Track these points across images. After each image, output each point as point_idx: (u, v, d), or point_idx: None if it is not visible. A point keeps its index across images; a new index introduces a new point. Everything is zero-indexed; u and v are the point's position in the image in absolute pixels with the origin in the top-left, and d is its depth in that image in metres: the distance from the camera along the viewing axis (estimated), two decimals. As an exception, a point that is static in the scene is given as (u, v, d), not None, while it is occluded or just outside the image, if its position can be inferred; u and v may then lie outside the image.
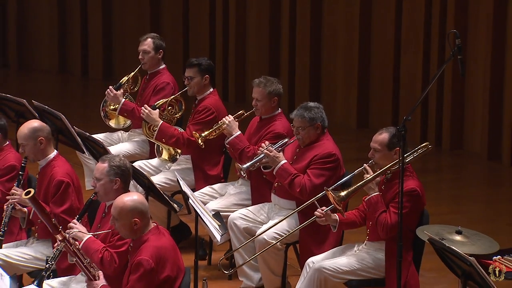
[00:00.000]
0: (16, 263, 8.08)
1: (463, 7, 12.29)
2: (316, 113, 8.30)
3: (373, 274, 7.70)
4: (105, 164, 7.30)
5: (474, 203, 10.90)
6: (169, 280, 6.85)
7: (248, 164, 8.53)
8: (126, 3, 15.95)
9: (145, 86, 10.12)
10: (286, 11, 14.05)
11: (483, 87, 12.18)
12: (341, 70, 13.70)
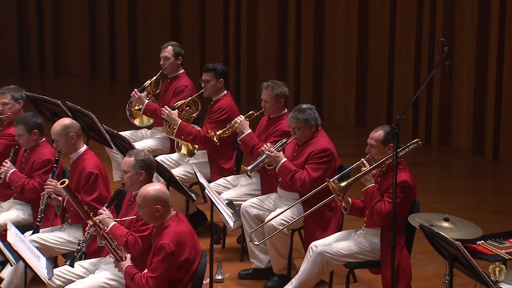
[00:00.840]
0: (52, 246, 8.09)
1: (450, 19, 12.26)
2: (309, 114, 8.29)
3: (370, 257, 7.69)
4: (131, 158, 7.31)
5: (460, 193, 10.88)
6: (188, 262, 6.86)
7: (252, 166, 8.57)
8: (149, 14, 15.93)
9: (166, 89, 10.12)
10: (292, 22, 14.03)
11: (467, 90, 12.16)
12: (341, 74, 13.67)
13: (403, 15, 12.84)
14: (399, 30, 12.91)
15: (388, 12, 12.97)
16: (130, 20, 16.16)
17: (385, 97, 13.12)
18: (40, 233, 8.15)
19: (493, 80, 11.90)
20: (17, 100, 9.22)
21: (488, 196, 11.04)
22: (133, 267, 6.93)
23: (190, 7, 15.49)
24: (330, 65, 13.83)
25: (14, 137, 8.84)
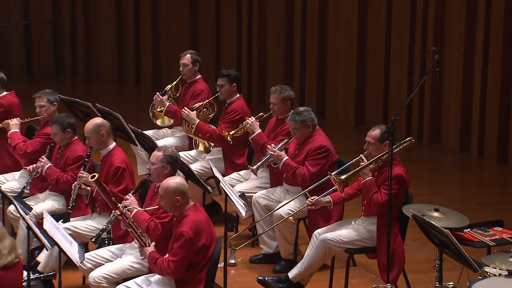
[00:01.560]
0: (83, 233, 8.11)
1: (439, 30, 12.26)
2: (305, 116, 8.30)
3: (367, 244, 7.69)
4: (160, 153, 7.35)
5: (449, 186, 10.87)
6: (205, 247, 6.87)
7: (257, 165, 8.61)
8: (170, 26, 15.94)
9: (185, 92, 10.11)
10: (298, 33, 14.03)
11: (455, 94, 12.16)
12: (342, 78, 13.66)
13: (397, 26, 12.83)
14: (394, 40, 12.90)
15: (384, 24, 12.96)
16: (153, 31, 16.17)
17: (381, 100, 13.11)
18: (73, 221, 8.18)
19: (478, 85, 11.88)
20: (52, 102, 9.23)
21: (474, 189, 11.02)
22: (156, 252, 6.95)
23: (206, 19, 15.49)
24: (332, 70, 13.82)
25: (49, 136, 8.88)
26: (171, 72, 12.79)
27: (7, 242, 6.53)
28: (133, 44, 16.46)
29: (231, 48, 15.13)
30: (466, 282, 6.23)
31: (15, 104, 9.73)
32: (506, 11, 11.45)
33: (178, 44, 15.20)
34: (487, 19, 11.69)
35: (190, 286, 6.90)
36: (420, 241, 7.72)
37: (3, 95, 9.76)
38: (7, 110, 9.61)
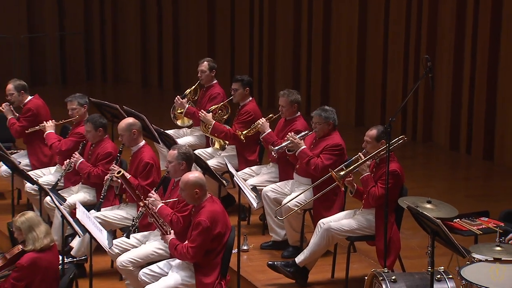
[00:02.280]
0: (112, 222, 8.15)
1: (432, 40, 12.24)
2: (330, 114, 8.31)
3: (366, 232, 7.68)
4: (175, 151, 7.36)
5: (440, 181, 10.85)
6: (220, 235, 6.88)
7: (278, 147, 8.55)
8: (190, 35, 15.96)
9: (202, 96, 10.11)
10: (304, 42, 14.03)
11: (446, 97, 12.14)
12: (343, 83, 13.65)
13: (393, 36, 12.82)
14: (391, 48, 12.89)
15: (382, 34, 12.95)
16: (174, 40, 16.20)
17: (379, 102, 13.09)
18: (103, 211, 8.20)
19: (466, 90, 11.87)
20: (82, 105, 9.27)
21: (462, 183, 10.99)
22: (176, 239, 6.98)
23: (222, 30, 15.51)
24: (335, 76, 13.82)
25: (82, 135, 8.93)
26: (190, 77, 12.78)
27: (42, 227, 6.59)
28: (156, 52, 16.49)
29: (244, 56, 15.13)
30: (456, 267, 6.21)
31: (41, 106, 9.80)
32: (491, 22, 11.42)
33: (196, 52, 15.22)
34: (474, 29, 11.67)
35: (207, 270, 6.91)
36: (414, 229, 7.71)
37: (28, 99, 9.82)
38: (36, 112, 9.69)
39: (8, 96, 9.80)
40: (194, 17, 15.90)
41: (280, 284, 7.80)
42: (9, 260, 6.56)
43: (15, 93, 9.77)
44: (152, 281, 7.08)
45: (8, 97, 9.80)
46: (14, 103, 9.81)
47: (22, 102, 9.80)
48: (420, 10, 12.36)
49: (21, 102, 9.80)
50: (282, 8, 14.37)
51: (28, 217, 6.63)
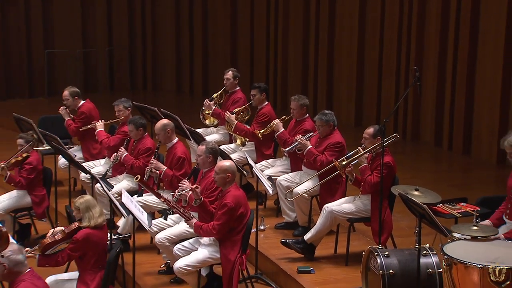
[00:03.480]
0: (151, 205, 8.17)
1: (419, 53, 12.21)
2: (329, 117, 8.30)
3: (364, 215, 7.67)
4: (203, 147, 7.38)
5: (426, 172, 10.82)
6: (242, 216, 6.89)
7: (288, 148, 8.58)
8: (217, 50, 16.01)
9: (227, 100, 10.13)
10: (312, 55, 14.04)
11: (431, 102, 12.13)
12: (345, 89, 13.65)
13: (387, 51, 12.81)
14: (385, 61, 12.87)
15: (378, 47, 12.95)
16: (203, 53, 16.26)
17: (375, 106, 13.09)
18: (143, 196, 8.23)
19: (448, 96, 11.83)
20: (127, 108, 9.32)
21: (444, 174, 10.96)
22: (199, 222, 7.01)
23: (243, 45, 15.55)
24: (338, 83, 13.83)
25: (126, 133, 8.96)
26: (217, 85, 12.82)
27: (97, 209, 6.63)
28: (187, 63, 16.54)
29: (261, 66, 15.16)
30: (439, 244, 6.19)
31: (92, 109, 9.87)
32: (470, 38, 11.38)
33: (222, 63, 15.25)
34: (455, 45, 11.63)
35: (230, 245, 6.90)
36: (403, 213, 7.69)
37: (82, 103, 9.88)
38: (88, 115, 9.77)
39: (64, 101, 9.87)
40: (220, 34, 15.94)
41: (291, 258, 7.79)
42: (67, 234, 6.60)
43: (70, 98, 9.84)
44: (184, 255, 7.09)
45: (64, 101, 9.87)
46: (69, 107, 9.87)
47: (76, 106, 9.86)
48: (410, 30, 12.33)
49: (75, 106, 9.86)
50: (293, 26, 14.38)
51: (86, 199, 6.67)
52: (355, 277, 7.09)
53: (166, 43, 16.76)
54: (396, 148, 11.32)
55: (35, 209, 8.63)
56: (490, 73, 11.20)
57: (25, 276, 5.36)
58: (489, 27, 11.18)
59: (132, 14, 16.78)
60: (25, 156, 8.47)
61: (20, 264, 5.35)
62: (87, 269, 6.58)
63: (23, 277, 5.35)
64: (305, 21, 14.09)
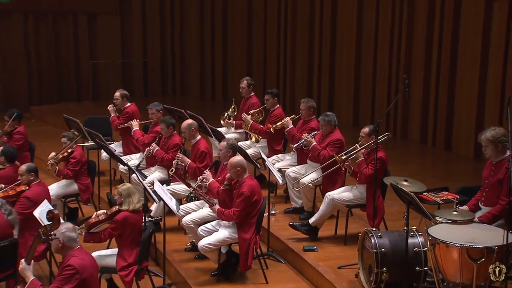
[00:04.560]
0: (178, 192, 8.20)
1: (408, 63, 12.16)
2: (331, 118, 8.29)
3: (360, 201, 7.65)
4: (224, 143, 7.40)
5: (413, 165, 10.77)
6: (256, 202, 6.91)
7: (296, 145, 8.56)
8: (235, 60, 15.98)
9: (243, 104, 10.08)
10: (316, 65, 14.01)
11: (418, 105, 12.08)
12: (344, 94, 13.60)
13: (381, 61, 12.75)
14: (379, 69, 12.81)
15: (371, 59, 12.89)
16: (223, 64, 16.25)
17: (370, 108, 13.04)
18: (172, 185, 8.24)
19: (432, 100, 11.76)
20: (159, 110, 9.35)
21: (429, 167, 10.89)
22: (221, 208, 7.00)
23: (258, 58, 15.52)
24: (338, 89, 13.79)
25: (158, 132, 8.98)
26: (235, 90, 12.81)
27: (136, 195, 6.68)
28: (210, 72, 16.53)
29: (273, 75, 15.13)
30: (424, 226, 6.16)
31: (135, 111, 9.88)
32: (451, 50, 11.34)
33: (239, 72, 15.21)
34: (438, 56, 11.57)
35: (246, 227, 6.91)
36: (394, 200, 7.67)
37: (128, 105, 9.89)
38: (131, 115, 9.76)
39: (114, 100, 9.91)
40: (238, 47, 15.92)
41: (298, 238, 7.78)
42: (108, 216, 6.64)
43: (120, 99, 9.87)
44: (207, 235, 7.10)
45: (114, 100, 9.91)
46: (117, 106, 9.90)
47: (123, 106, 9.89)
48: (400, 45, 12.26)
49: (122, 106, 9.89)
50: (300, 41, 14.34)
51: (128, 186, 6.72)
52: (352, 254, 7.08)
53: (192, 55, 16.77)
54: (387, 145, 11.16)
55: (81, 195, 8.68)
56: (467, 82, 11.15)
57: (75, 251, 5.41)
58: (467, 43, 11.13)
59: (163, 31, 16.80)
60: (70, 151, 8.52)
61: (72, 240, 5.42)
62: (125, 246, 6.61)
63: (74, 252, 5.41)
64: (310, 37, 14.06)
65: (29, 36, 15.52)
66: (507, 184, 5.88)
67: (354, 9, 13.02)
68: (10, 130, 9.42)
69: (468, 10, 11.10)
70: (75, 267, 5.27)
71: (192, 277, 7.11)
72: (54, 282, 5.36)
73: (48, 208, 6.34)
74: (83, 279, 5.27)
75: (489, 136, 6.19)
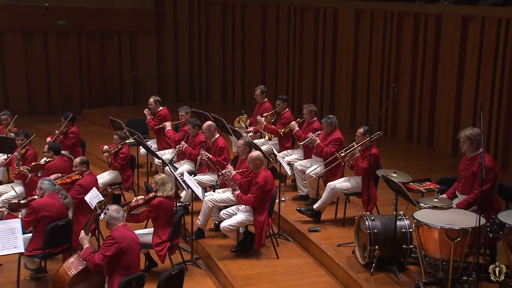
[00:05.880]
0: (204, 182, 8.19)
1: (397, 73, 12.07)
2: (332, 120, 8.27)
3: (357, 190, 7.64)
4: (242, 141, 7.39)
5: (401, 160, 10.69)
6: (269, 190, 6.91)
7: (303, 142, 8.56)
8: (250, 71, 15.92)
9: (258, 108, 10.05)
10: (320, 76, 13.93)
11: (404, 109, 12.00)
12: (344, 100, 13.52)
13: (374, 72, 12.66)
14: (372, 79, 12.73)
15: (366, 70, 12.81)
16: (242, 73, 16.19)
17: (364, 113, 12.97)
18: (198, 176, 8.23)
19: (417, 105, 11.69)
20: (187, 113, 9.36)
21: (414, 161, 10.83)
22: (241, 193, 7.00)
23: (270, 68, 15.45)
24: (338, 96, 13.70)
25: (186, 132, 8.96)
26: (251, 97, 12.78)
27: (169, 184, 6.72)
28: (230, 81, 16.47)
29: (283, 83, 15.06)
30: (410, 211, 6.14)
31: (167, 113, 9.90)
32: (433, 65, 11.28)
33: (255, 81, 15.17)
34: (422, 69, 11.50)
35: (260, 211, 6.91)
36: (385, 189, 7.65)
37: (160, 108, 9.91)
38: (164, 117, 9.77)
39: (149, 105, 9.92)
40: (254, 59, 15.86)
41: (304, 221, 7.76)
42: (146, 201, 6.67)
43: (153, 104, 9.89)
44: (228, 218, 7.12)
45: (149, 105, 9.93)
46: (151, 110, 9.92)
47: (156, 109, 9.90)
48: (390, 58, 12.18)
49: (156, 109, 9.90)
50: (306, 55, 14.27)
51: (163, 176, 6.75)
52: (349, 234, 7.06)
53: (215, 67, 16.73)
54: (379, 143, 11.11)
55: (124, 184, 8.71)
56: (447, 90, 11.07)
57: (118, 227, 5.59)
58: (446, 57, 11.05)
59: (191, 48, 16.77)
60: (120, 147, 8.57)
61: (115, 219, 5.59)
62: (160, 226, 6.63)
63: (117, 228, 5.57)
64: (315, 54, 13.98)
65: (82, 52, 15.72)
66: (479, 176, 5.85)
67: (351, 32, 12.95)
68: (66, 130, 9.47)
69: (447, 29, 11.04)
70: (114, 238, 5.46)
71: (215, 253, 7.13)
72: (99, 249, 5.58)
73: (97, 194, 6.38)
74: (121, 248, 5.44)
75: (467, 134, 6.16)
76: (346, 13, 13.06)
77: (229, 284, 6.48)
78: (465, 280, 5.53)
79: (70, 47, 15.55)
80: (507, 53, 9.95)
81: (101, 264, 5.41)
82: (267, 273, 6.70)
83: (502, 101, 10.15)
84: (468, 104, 10.73)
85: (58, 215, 6.47)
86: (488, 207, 6.03)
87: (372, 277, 6.24)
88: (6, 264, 6.74)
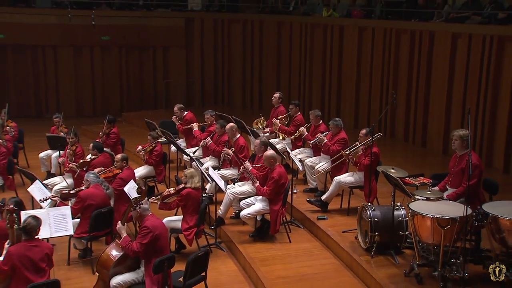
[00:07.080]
0: (226, 176, 8.18)
1: (395, 81, 11.98)
2: (338, 122, 8.24)
3: (359, 184, 7.60)
4: (258, 140, 7.37)
5: (398, 158, 10.60)
6: (283, 184, 6.92)
7: (312, 141, 8.53)
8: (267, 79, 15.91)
9: (273, 112, 10.02)
10: (327, 84, 13.87)
11: (402, 113, 11.92)
12: (348, 105, 13.45)
13: (375, 81, 12.57)
14: (373, 86, 12.64)
15: (368, 79, 12.72)
16: (259, 80, 16.17)
17: (366, 115, 12.88)
18: (221, 170, 8.24)
19: (413, 110, 11.59)
20: (212, 115, 9.36)
21: (409, 159, 10.72)
22: (259, 185, 6.98)
23: (284, 76, 15.41)
24: (344, 101, 13.62)
25: (211, 131, 8.97)
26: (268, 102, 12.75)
27: (197, 177, 6.73)
28: (249, 88, 16.43)
29: (296, 90, 15.02)
30: (406, 202, 6.10)
31: (192, 117, 9.92)
32: (426, 71, 11.19)
33: (271, 87, 15.16)
34: (417, 78, 11.41)
35: (275, 201, 6.91)
36: (384, 183, 7.60)
37: (185, 113, 9.93)
38: (190, 120, 9.79)
39: (175, 113, 9.94)
40: (270, 69, 15.83)
41: (313, 210, 7.75)
42: (176, 191, 6.70)
43: (178, 111, 9.91)
44: (247, 207, 7.12)
45: (175, 113, 9.95)
46: (178, 116, 9.94)
47: (181, 115, 9.91)
48: (389, 69, 12.09)
49: (181, 115, 9.91)
50: (316, 66, 14.22)
51: (191, 170, 6.78)
52: (353, 222, 7.05)
53: (236, 76, 16.75)
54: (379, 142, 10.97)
55: (157, 177, 8.76)
56: (439, 98, 10.98)
57: (149, 217, 5.60)
58: (438, 68, 10.96)
59: (216, 60, 16.80)
60: (154, 146, 8.62)
61: (146, 210, 5.55)
62: (188, 214, 6.66)
63: (148, 218, 5.56)
64: (323, 63, 13.92)
65: (122, 63, 15.96)
66: (467, 172, 5.83)
67: (355, 46, 12.86)
68: (108, 131, 9.56)
69: (439, 44, 10.96)
70: (148, 227, 5.45)
71: (236, 237, 7.15)
72: (136, 239, 5.56)
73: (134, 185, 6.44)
74: (155, 235, 5.43)
75: (460, 133, 6.16)
76: (351, 29, 13.02)
77: (247, 265, 6.52)
78: (453, 262, 5.55)
79: (112, 59, 15.81)
80: (491, 65, 9.92)
81: (139, 252, 5.43)
82: (281, 255, 6.72)
83: (487, 108, 10.11)
84: (457, 109, 10.67)
85: (102, 204, 6.60)
86: (474, 199, 6.00)
87: (372, 260, 6.24)
88: (58, 244, 6.87)
